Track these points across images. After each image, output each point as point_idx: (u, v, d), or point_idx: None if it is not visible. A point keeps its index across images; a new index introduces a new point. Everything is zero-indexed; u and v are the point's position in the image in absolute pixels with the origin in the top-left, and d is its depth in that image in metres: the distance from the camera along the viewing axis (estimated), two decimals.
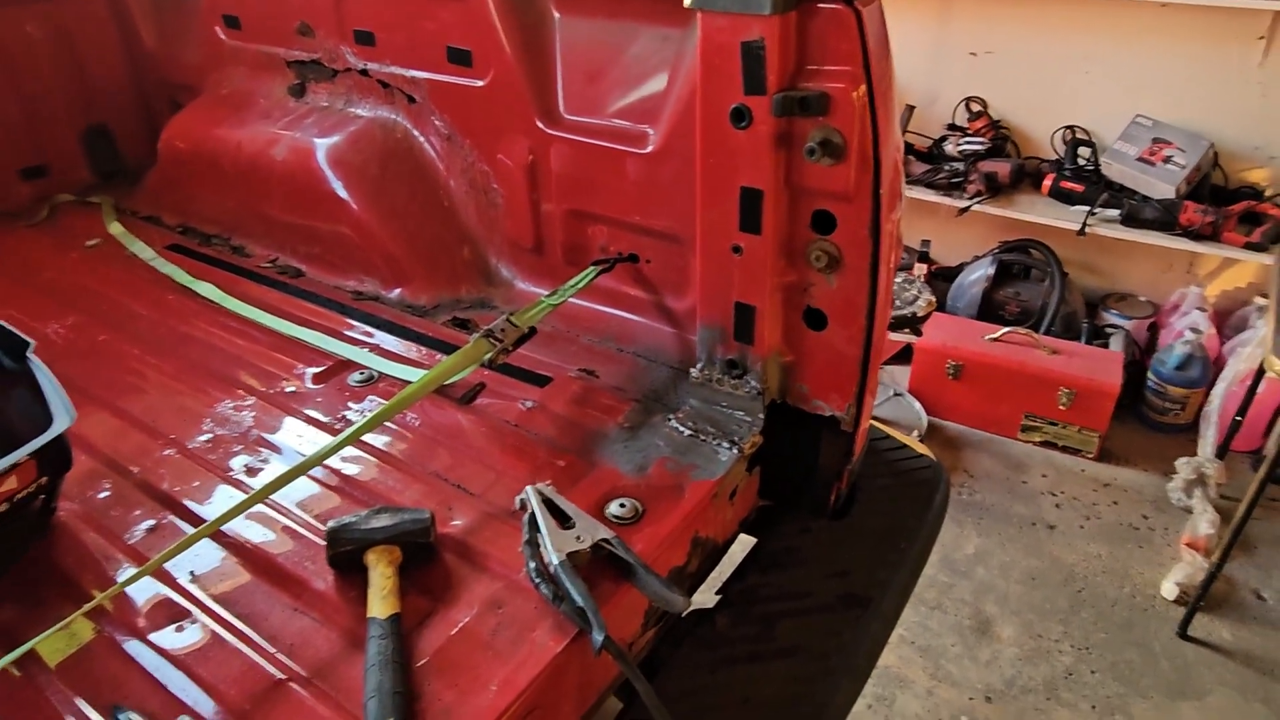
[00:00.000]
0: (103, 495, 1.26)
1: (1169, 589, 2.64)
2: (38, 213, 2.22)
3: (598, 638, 0.95)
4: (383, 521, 1.10)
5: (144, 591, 1.10)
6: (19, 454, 0.99)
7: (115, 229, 2.12)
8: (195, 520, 1.22)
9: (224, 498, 1.26)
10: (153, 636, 1.04)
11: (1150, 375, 3.31)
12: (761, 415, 1.37)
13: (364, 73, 1.87)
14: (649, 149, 1.46)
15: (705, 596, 1.30)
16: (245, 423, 1.43)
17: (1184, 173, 3.16)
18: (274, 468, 1.33)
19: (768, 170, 1.19)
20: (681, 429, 1.39)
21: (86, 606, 0.96)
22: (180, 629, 1.05)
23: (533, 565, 1.06)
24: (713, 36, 1.16)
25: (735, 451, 1.33)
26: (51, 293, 1.86)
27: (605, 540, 1.09)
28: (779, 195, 1.22)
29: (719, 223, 1.28)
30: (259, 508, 1.21)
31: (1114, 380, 3.11)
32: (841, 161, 1.15)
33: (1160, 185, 3.19)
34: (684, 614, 1.22)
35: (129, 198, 2.30)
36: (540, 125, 1.60)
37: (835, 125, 1.13)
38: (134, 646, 1.03)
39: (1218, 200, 3.20)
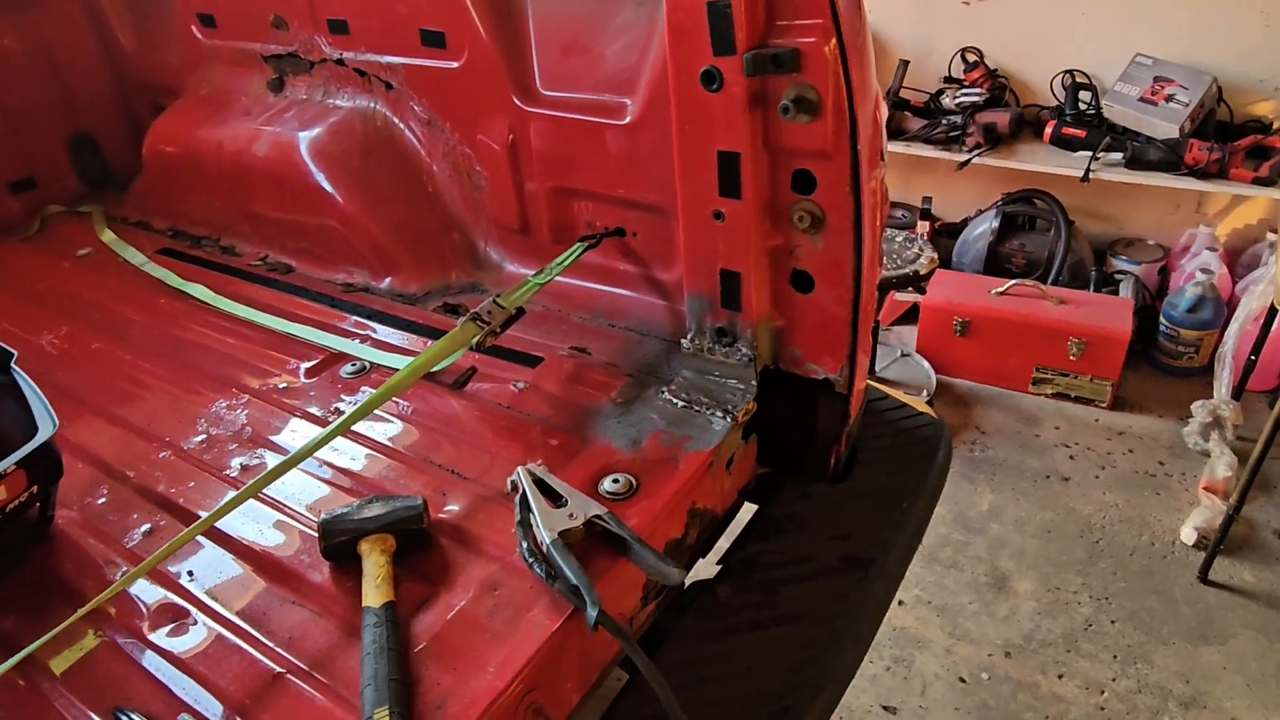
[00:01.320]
0: (101, 501, 1.27)
1: (1188, 534, 2.61)
2: (29, 226, 2.23)
3: (591, 614, 0.95)
4: (375, 511, 1.10)
5: (144, 593, 1.10)
6: (4, 464, 0.99)
7: (107, 237, 2.12)
8: (193, 521, 1.21)
9: (221, 497, 1.26)
10: (153, 638, 1.04)
11: (1162, 319, 3.26)
12: (755, 382, 1.36)
13: (340, 62, 1.85)
14: (628, 120, 1.44)
15: (706, 567, 1.29)
16: (239, 421, 1.43)
17: (1187, 110, 3.08)
18: (269, 464, 1.33)
19: (743, 132, 1.17)
20: (675, 401, 1.37)
21: (81, 611, 0.97)
22: (180, 629, 1.05)
23: (525, 545, 1.06)
24: None
25: (729, 420, 1.32)
26: (45, 304, 1.86)
27: (598, 516, 1.08)
28: (757, 157, 1.20)
29: (699, 189, 1.26)
30: (256, 504, 1.21)
31: (1124, 327, 3.06)
32: (817, 118, 1.12)
33: (1163, 125, 3.11)
34: (684, 585, 1.21)
35: (118, 205, 2.30)
36: (518, 102, 1.57)
37: (809, 81, 1.10)
38: (135, 649, 1.03)
39: (1223, 136, 3.13)
